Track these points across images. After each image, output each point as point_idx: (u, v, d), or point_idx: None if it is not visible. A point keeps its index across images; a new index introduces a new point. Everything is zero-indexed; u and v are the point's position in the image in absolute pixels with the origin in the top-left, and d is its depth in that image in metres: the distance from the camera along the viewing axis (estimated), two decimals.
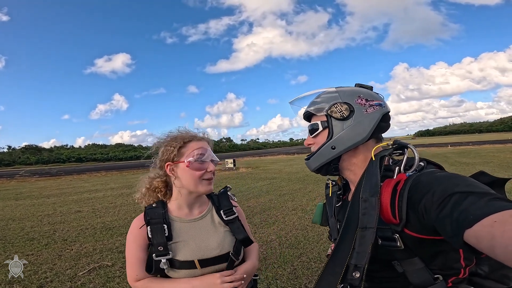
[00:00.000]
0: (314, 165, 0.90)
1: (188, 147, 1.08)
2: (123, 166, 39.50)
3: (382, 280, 0.81)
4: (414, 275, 0.72)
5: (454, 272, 0.73)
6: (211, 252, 1.07)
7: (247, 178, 12.99)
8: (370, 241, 0.68)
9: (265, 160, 31.06)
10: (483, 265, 0.78)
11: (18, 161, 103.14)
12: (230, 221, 1.15)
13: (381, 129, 0.85)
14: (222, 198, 1.20)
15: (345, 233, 0.76)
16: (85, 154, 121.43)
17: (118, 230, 5.33)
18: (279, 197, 7.81)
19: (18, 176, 25.29)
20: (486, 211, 0.53)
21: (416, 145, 0.86)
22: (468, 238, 0.54)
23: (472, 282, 0.76)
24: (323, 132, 0.88)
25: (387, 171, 0.78)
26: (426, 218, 0.64)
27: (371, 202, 0.71)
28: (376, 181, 0.74)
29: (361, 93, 0.86)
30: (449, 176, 0.67)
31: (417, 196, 0.66)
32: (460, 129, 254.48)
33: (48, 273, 3.47)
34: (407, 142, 0.81)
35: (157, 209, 1.09)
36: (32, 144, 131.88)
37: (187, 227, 1.10)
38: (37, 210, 7.91)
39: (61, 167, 58.51)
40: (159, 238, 1.02)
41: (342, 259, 0.72)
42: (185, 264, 1.03)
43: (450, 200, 0.59)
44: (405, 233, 0.70)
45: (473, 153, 19.16)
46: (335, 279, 0.70)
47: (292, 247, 3.95)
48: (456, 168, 11.57)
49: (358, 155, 0.86)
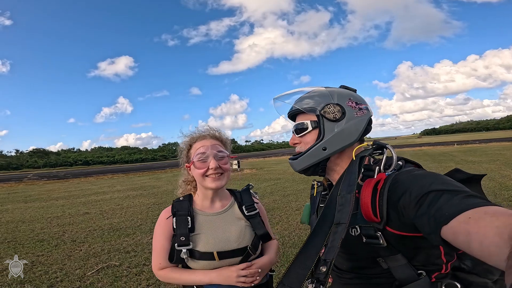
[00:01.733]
0: (302, 165, 0.88)
1: (193, 148, 1.19)
2: (129, 168, 39.88)
3: (369, 276, 0.83)
4: (399, 271, 0.74)
5: (437, 267, 0.76)
6: (230, 245, 1.13)
7: (252, 179, 13.08)
8: (341, 236, 0.69)
9: (269, 161, 31.07)
10: (466, 260, 0.80)
11: (26, 164, 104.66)
12: (251, 216, 1.21)
13: (365, 132, 0.87)
14: (245, 195, 1.28)
15: (319, 228, 0.76)
16: (92, 157, 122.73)
17: (125, 231, 5.44)
18: (283, 197, 7.85)
19: (26, 179, 25.73)
20: (460, 208, 0.55)
21: (422, 144, 0.86)
22: (445, 235, 0.56)
23: (457, 277, 0.78)
24: (313, 132, 0.87)
25: (368, 170, 0.80)
26: (405, 216, 0.66)
27: (347, 199, 0.73)
28: (354, 179, 0.75)
29: (352, 96, 0.87)
30: (425, 175, 0.69)
31: (396, 195, 0.68)
32: (467, 127, 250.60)
33: (58, 273, 3.58)
34: (386, 143, 0.83)
35: (183, 202, 1.19)
36: (40, 147, 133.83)
37: (209, 220, 1.17)
38: (46, 212, 8.08)
39: (69, 170, 59.23)
40: (183, 229, 1.11)
41: (313, 253, 0.72)
42: (205, 255, 1.10)
43: (426, 198, 0.61)
44: (387, 230, 0.72)
45: (480, 151, 18.92)
46: (304, 272, 0.70)
47: (295, 247, 4.00)
48: (462, 166, 11.40)
49: (343, 157, 0.87)
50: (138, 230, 5.44)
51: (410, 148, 32.19)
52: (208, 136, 1.20)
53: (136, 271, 3.51)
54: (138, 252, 4.20)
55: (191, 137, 1.22)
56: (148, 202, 8.71)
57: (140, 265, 3.71)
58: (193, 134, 1.23)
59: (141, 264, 3.73)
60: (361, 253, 0.82)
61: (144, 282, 3.21)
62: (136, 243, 4.66)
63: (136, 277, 3.36)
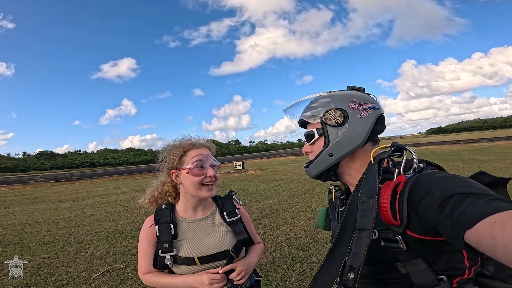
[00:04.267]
0: (313, 173, 0.90)
1: (188, 155, 1.18)
2: (135, 170, 40.17)
3: (387, 281, 0.81)
4: (418, 276, 0.72)
5: (459, 272, 0.73)
6: (210, 249, 1.16)
7: (256, 180, 12.99)
8: (366, 242, 0.68)
9: (274, 161, 31.02)
10: (488, 265, 0.77)
11: (33, 166, 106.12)
12: (232, 222, 1.24)
13: (376, 132, 0.85)
14: (226, 201, 1.30)
15: (342, 234, 0.75)
16: (98, 159, 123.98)
17: (130, 233, 5.44)
18: (288, 198, 7.80)
19: (33, 181, 26.06)
20: (485, 211, 0.53)
21: (428, 143, 0.84)
22: (468, 239, 0.54)
23: (479, 282, 0.75)
24: (320, 139, 0.88)
25: (386, 173, 0.78)
26: (426, 219, 0.64)
27: (369, 204, 0.71)
28: (374, 183, 0.73)
29: (354, 97, 0.85)
30: (448, 177, 0.67)
31: (417, 198, 0.66)
32: (474, 126, 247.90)
33: (64, 275, 3.58)
34: (406, 144, 0.80)
35: (166, 210, 1.22)
36: (47, 150, 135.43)
37: (190, 227, 1.20)
38: (52, 214, 8.14)
39: (75, 172, 59.92)
40: (165, 236, 1.14)
41: (338, 260, 0.71)
42: (186, 260, 1.14)
43: (449, 201, 0.59)
44: (407, 234, 0.70)
45: (487, 150, 18.63)
46: (330, 280, 0.69)
47: (301, 249, 3.95)
48: (471, 165, 11.29)
49: (356, 160, 0.86)
50: None
51: (416, 147, 31.85)
52: (203, 146, 1.22)
53: None
54: None
55: (186, 144, 1.20)
56: None
57: None
58: (185, 141, 1.22)
59: None
60: (379, 257, 0.79)
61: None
62: None
63: (140, 279, 3.34)
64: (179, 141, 1.23)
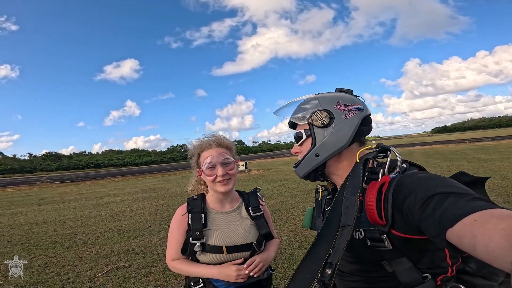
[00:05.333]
0: (301, 173, 0.92)
1: (201, 157, 1.30)
2: (139, 171, 40.38)
3: (374, 279, 0.83)
4: (404, 274, 0.74)
5: (442, 270, 0.75)
6: (237, 240, 1.26)
7: (259, 180, 13.12)
8: (346, 238, 0.69)
9: (277, 161, 31.02)
10: (470, 262, 0.80)
11: (39, 168, 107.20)
12: (256, 217, 1.34)
13: (362, 133, 0.87)
14: (252, 197, 1.41)
15: (324, 232, 0.77)
16: (103, 160, 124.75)
17: (134, 233, 5.53)
18: (290, 198, 7.84)
19: (40, 182, 26.39)
20: (466, 210, 0.54)
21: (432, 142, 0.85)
22: (450, 237, 0.55)
23: (461, 279, 0.77)
24: (307, 140, 0.90)
25: (372, 173, 0.79)
26: (410, 218, 0.66)
27: (352, 201, 0.74)
28: (358, 182, 0.76)
29: (341, 99, 0.87)
30: (430, 177, 0.69)
31: (401, 197, 0.68)
32: (479, 124, 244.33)
33: (70, 274, 3.67)
34: (390, 145, 0.83)
35: (197, 201, 1.32)
36: (52, 151, 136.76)
37: (219, 218, 1.31)
38: (59, 214, 8.28)
39: (81, 173, 60.42)
40: (197, 224, 1.24)
41: (319, 257, 0.72)
42: (215, 249, 1.22)
43: (431, 201, 0.61)
44: (392, 233, 0.72)
45: (492, 149, 18.43)
46: (311, 276, 0.70)
47: (301, 248, 4.00)
48: (475, 165, 11.20)
49: (342, 160, 0.88)
50: (147, 232, 5.52)
51: (421, 146, 31.63)
52: (214, 145, 1.30)
53: (145, 272, 3.57)
54: (147, 253, 4.28)
55: (199, 146, 1.32)
56: (157, 204, 8.83)
57: (149, 266, 3.77)
58: (200, 143, 1.33)
59: (150, 265, 3.80)
60: (366, 256, 0.82)
61: (152, 283, 3.27)
62: (145, 244, 4.74)
63: (144, 278, 3.42)
64: (196, 141, 1.35)
